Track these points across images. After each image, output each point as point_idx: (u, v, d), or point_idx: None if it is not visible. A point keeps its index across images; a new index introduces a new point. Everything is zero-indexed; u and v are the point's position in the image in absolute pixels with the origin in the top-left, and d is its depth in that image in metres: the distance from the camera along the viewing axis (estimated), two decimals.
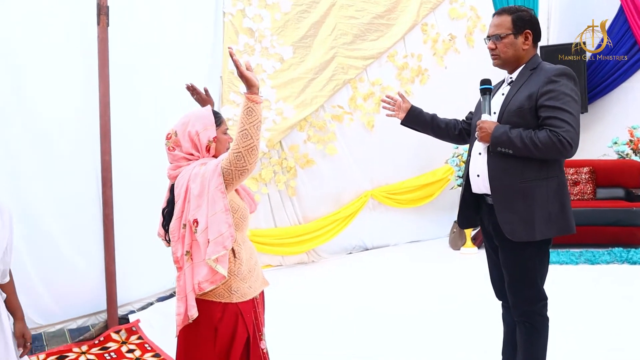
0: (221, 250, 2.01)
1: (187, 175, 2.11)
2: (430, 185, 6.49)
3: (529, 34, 2.55)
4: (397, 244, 6.46)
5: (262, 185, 5.59)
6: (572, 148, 2.37)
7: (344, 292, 4.88)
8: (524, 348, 2.64)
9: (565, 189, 2.54)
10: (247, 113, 1.99)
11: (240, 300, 2.15)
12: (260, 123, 2.03)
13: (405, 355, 3.47)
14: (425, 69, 6.44)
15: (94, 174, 4.24)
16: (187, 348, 2.19)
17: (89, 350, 3.82)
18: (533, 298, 2.58)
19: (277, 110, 5.54)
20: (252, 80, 2.01)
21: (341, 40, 5.89)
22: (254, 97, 2.00)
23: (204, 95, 2.59)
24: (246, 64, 2.02)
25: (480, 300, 3.83)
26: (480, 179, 2.60)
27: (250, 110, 1.99)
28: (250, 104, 1.99)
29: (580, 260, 5.38)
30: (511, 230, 2.49)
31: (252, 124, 1.99)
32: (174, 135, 2.20)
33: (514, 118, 2.49)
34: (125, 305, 4.47)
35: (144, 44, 4.61)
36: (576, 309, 4.10)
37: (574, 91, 2.43)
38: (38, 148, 4.11)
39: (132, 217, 4.31)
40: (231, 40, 5.33)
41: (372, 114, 6.06)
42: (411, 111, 2.92)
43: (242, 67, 2.00)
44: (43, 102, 4.10)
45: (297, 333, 3.98)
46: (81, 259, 4.29)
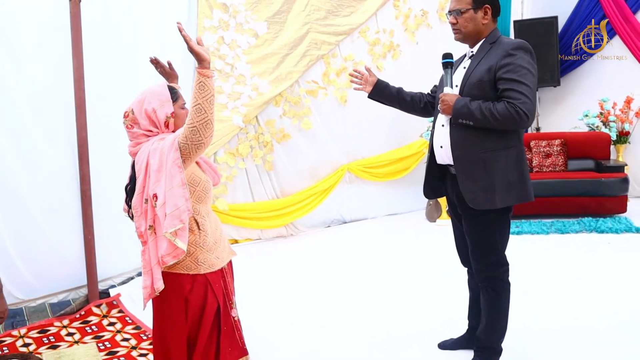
0: (178, 223, 2.04)
1: (146, 151, 2.13)
2: (405, 159, 6.59)
3: (488, 8, 2.62)
4: (375, 217, 6.59)
5: (240, 160, 5.64)
6: (528, 119, 2.46)
7: (322, 263, 4.98)
8: (487, 312, 2.77)
9: (524, 159, 2.64)
10: (200, 87, 2.01)
11: (208, 270, 2.21)
12: (213, 97, 2.04)
13: (379, 323, 3.59)
14: (397, 44, 6.48)
15: (70, 150, 4.25)
16: (161, 320, 2.25)
17: (70, 324, 3.87)
18: (495, 264, 2.70)
19: (253, 86, 5.57)
20: (203, 55, 2.01)
21: (314, 16, 5.91)
22: (205, 72, 2.01)
23: (167, 68, 2.57)
24: (197, 39, 2.03)
25: (451, 269, 3.95)
26: (443, 150, 2.69)
27: (202, 84, 2.01)
28: (202, 79, 2.01)
29: (551, 230, 5.53)
30: (473, 199, 2.59)
31: (204, 99, 2.01)
32: (131, 114, 2.20)
33: (474, 91, 2.57)
34: (106, 280, 4.53)
35: (117, 19, 4.59)
36: (543, 275, 4.25)
37: (530, 64, 2.51)
38: (13, 125, 4.11)
39: (110, 193, 4.33)
40: (205, 15, 5.33)
41: (345, 89, 6.10)
42: (377, 85, 2.99)
43: (192, 42, 2.00)
44: (16, 78, 4.09)
45: (275, 303, 4.08)
46: (61, 235, 4.32)
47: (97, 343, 3.57)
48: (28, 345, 3.57)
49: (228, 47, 5.47)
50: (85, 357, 3.35)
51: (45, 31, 4.20)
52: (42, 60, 4.20)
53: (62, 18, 4.12)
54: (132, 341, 3.56)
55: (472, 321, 3.01)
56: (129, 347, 3.47)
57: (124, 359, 3.32)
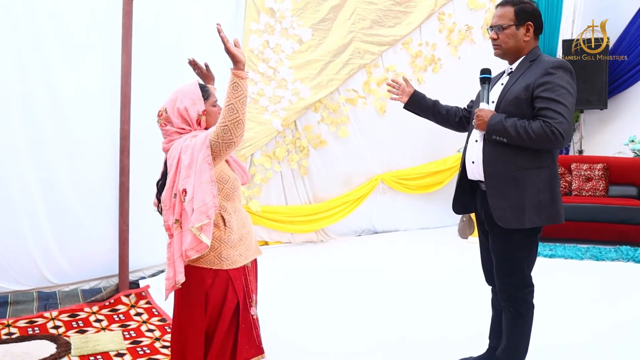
0: (204, 219, 2.09)
1: (179, 147, 2.20)
2: (440, 172, 6.53)
3: (531, 25, 2.60)
4: (407, 229, 6.54)
5: (275, 162, 5.70)
6: (563, 139, 2.42)
7: (349, 271, 4.97)
8: (508, 333, 2.72)
9: (556, 179, 2.59)
10: (233, 88, 2.06)
11: (231, 267, 2.25)
12: (246, 98, 2.09)
13: (398, 334, 3.57)
14: (438, 58, 6.45)
15: (111, 142, 4.37)
16: (181, 312, 2.30)
17: (99, 311, 3.98)
18: (519, 284, 2.66)
19: (294, 91, 5.63)
20: (238, 57, 2.07)
21: (359, 25, 5.94)
22: (239, 73, 2.07)
23: (204, 70, 2.65)
24: (235, 41, 2.08)
25: (476, 286, 3.90)
26: (475, 166, 2.67)
27: (236, 85, 2.06)
28: (236, 79, 2.06)
29: (585, 256, 5.39)
30: (501, 216, 2.56)
31: (237, 99, 2.06)
32: (165, 112, 2.28)
33: (510, 108, 2.54)
34: (137, 271, 4.65)
35: (166, 19, 4.72)
36: (571, 301, 4.14)
37: (569, 84, 2.47)
38: (59, 115, 4.27)
39: (147, 185, 4.43)
40: (252, 18, 5.42)
41: (385, 99, 6.08)
42: (414, 95, 2.99)
43: (229, 43, 2.05)
44: (66, 71, 4.25)
45: (298, 306, 4.10)
46: (96, 225, 4.45)
47: (122, 331, 3.65)
48: (58, 328, 3.68)
49: (272, 51, 5.54)
50: (110, 344, 3.43)
51: (96, 26, 4.35)
52: (91, 54, 4.35)
53: (114, 15, 4.25)
54: (157, 332, 3.64)
55: (493, 341, 2.96)
56: (152, 338, 3.54)
57: (147, 349, 3.39)
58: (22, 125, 4.12)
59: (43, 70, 4.16)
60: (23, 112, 4.12)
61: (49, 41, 4.18)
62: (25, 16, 4.08)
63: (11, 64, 4.06)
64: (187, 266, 2.18)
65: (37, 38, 4.14)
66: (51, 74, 4.21)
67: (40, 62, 4.16)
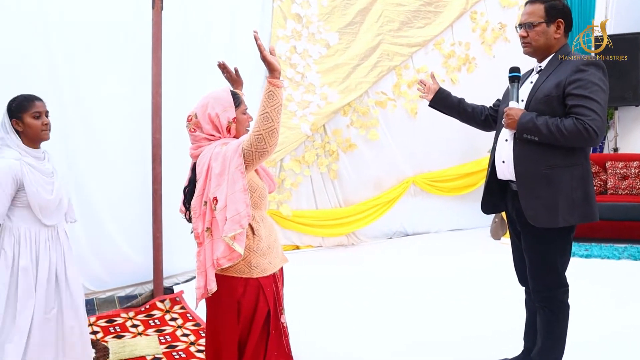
0: (238, 228, 2.07)
1: (208, 154, 2.18)
2: (473, 174, 6.45)
3: (561, 23, 2.57)
4: (438, 231, 6.49)
5: (305, 167, 5.72)
6: (597, 136, 2.38)
7: (379, 274, 4.95)
8: (543, 333, 2.68)
9: (589, 178, 2.55)
10: (269, 97, 2.05)
11: (261, 275, 2.24)
12: (281, 107, 2.07)
13: (429, 337, 3.55)
14: (472, 57, 6.38)
15: (142, 150, 4.44)
16: (214, 321, 2.30)
17: (136, 317, 4.05)
18: (553, 284, 2.62)
19: (322, 95, 5.64)
20: (275, 65, 2.06)
21: (387, 27, 5.92)
22: (275, 82, 2.05)
23: (233, 74, 2.64)
24: (270, 49, 2.07)
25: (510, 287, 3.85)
26: (505, 165, 2.64)
27: (272, 94, 2.05)
28: (272, 88, 2.05)
29: (623, 256, 5.27)
30: (534, 216, 2.52)
31: (273, 107, 2.04)
32: (195, 118, 2.26)
33: (541, 106, 2.51)
34: (171, 277, 4.72)
35: (195, 27, 4.79)
36: (607, 301, 4.05)
37: (602, 81, 2.43)
38: (92, 125, 4.36)
39: (178, 193, 4.49)
40: (279, 25, 5.46)
41: (416, 101, 6.05)
42: (438, 93, 2.98)
43: (265, 51, 2.04)
44: (98, 81, 4.34)
45: (327, 309, 4.10)
46: (131, 233, 4.53)
47: (158, 336, 3.71)
48: (96, 333, 3.75)
49: (300, 56, 5.57)
50: (146, 349, 3.49)
51: (125, 37, 4.43)
52: (119, 65, 4.43)
53: (142, 25, 4.33)
54: (192, 337, 3.68)
55: (528, 342, 2.92)
56: (188, 343, 3.59)
57: (183, 353, 3.44)
58: (55, 135, 4.19)
59: (73, 84, 4.25)
60: (56, 123, 4.20)
61: (79, 53, 4.28)
62: (57, 28, 4.18)
63: (47, 76, 4.16)
64: (218, 275, 2.17)
65: (68, 49, 4.24)
66: (81, 86, 4.30)
67: (70, 74, 4.26)
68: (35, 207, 2.60)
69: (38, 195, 2.58)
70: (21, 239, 2.60)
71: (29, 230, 2.63)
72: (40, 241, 2.65)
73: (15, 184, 2.54)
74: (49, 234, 2.70)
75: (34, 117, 2.65)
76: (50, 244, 2.69)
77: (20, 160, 2.58)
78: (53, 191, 2.67)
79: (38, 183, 2.60)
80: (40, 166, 2.67)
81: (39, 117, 2.67)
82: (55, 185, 2.70)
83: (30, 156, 2.64)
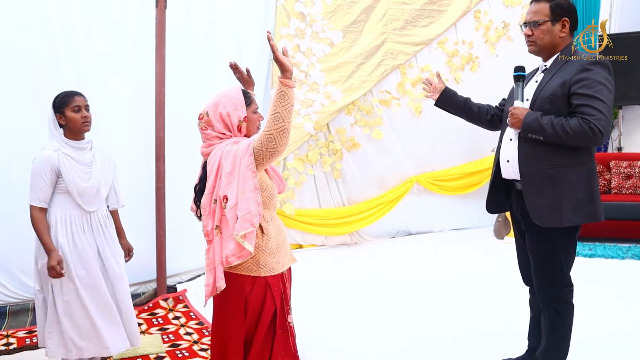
0: (249, 227, 2.08)
1: (219, 152, 2.18)
2: (477, 173, 6.44)
3: (567, 21, 2.55)
4: (442, 230, 6.49)
5: (308, 166, 5.71)
6: (603, 136, 2.37)
7: (383, 273, 4.95)
8: (547, 333, 2.67)
9: (594, 177, 2.54)
10: (280, 97, 2.05)
11: (269, 274, 2.24)
12: (292, 107, 2.08)
13: (433, 335, 3.54)
14: (476, 56, 6.37)
15: (145, 149, 4.44)
16: (220, 318, 2.30)
17: (139, 315, 4.05)
18: (558, 284, 2.61)
19: (326, 94, 5.63)
20: (287, 65, 2.06)
21: (392, 26, 5.91)
22: (287, 82, 2.06)
23: (245, 75, 2.64)
24: (283, 49, 2.07)
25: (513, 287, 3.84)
26: (510, 165, 2.64)
27: (283, 94, 2.05)
28: (283, 88, 2.05)
29: (627, 255, 5.26)
30: (538, 216, 2.52)
31: (284, 107, 2.05)
32: (206, 116, 2.26)
33: (546, 105, 2.50)
34: (174, 275, 4.72)
35: (198, 26, 4.78)
36: (611, 301, 4.05)
37: (607, 80, 2.42)
38: (95, 124, 4.31)
39: (181, 192, 4.50)
40: (283, 23, 5.45)
41: (420, 99, 6.04)
42: (444, 92, 2.98)
43: (278, 51, 2.05)
44: (101, 80, 4.34)
45: (331, 308, 4.10)
46: (134, 231, 4.49)
47: (162, 335, 3.71)
48: None
49: (303, 55, 5.57)
50: (150, 347, 3.49)
51: (128, 36, 4.43)
52: (123, 63, 4.43)
53: (146, 24, 4.34)
54: (195, 336, 3.68)
55: (532, 342, 2.91)
56: (191, 341, 3.59)
57: (186, 352, 3.44)
58: None
59: (77, 80, 4.25)
60: None
61: (83, 51, 4.28)
62: (61, 27, 4.19)
63: (51, 76, 4.16)
64: (226, 273, 2.17)
65: (71, 48, 4.24)
66: (85, 84, 4.27)
67: (74, 73, 4.26)
68: (74, 193, 2.82)
69: (74, 182, 2.80)
70: (58, 221, 2.81)
71: (65, 214, 2.84)
72: (76, 225, 2.86)
73: (53, 172, 2.77)
74: (86, 218, 2.90)
75: (74, 111, 2.84)
76: (86, 228, 2.89)
77: (58, 151, 2.80)
78: (90, 179, 2.87)
79: (75, 171, 2.81)
80: (79, 156, 2.87)
81: (78, 110, 2.85)
82: (94, 174, 2.89)
83: (69, 147, 2.85)
